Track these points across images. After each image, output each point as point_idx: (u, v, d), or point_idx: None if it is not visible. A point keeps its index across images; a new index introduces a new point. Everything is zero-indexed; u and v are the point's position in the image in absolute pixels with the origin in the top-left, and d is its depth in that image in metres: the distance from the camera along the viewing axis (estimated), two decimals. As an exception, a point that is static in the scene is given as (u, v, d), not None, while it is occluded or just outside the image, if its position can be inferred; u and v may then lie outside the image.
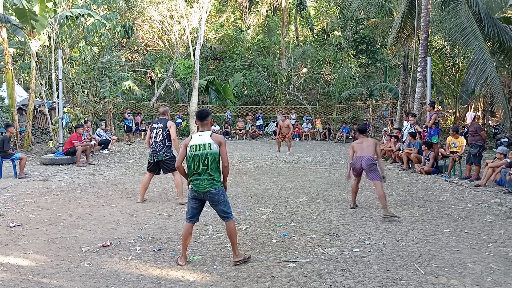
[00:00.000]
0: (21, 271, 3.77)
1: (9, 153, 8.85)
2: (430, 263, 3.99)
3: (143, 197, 6.59)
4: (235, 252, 3.93)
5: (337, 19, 25.63)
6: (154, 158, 6.35)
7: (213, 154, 3.84)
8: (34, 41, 12.24)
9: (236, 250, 3.94)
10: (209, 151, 3.83)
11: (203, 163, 3.83)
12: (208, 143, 3.84)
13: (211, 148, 3.84)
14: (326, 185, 8.12)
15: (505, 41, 12.11)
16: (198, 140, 3.88)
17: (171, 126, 6.35)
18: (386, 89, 21.17)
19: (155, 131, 6.36)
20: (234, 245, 3.92)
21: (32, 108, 12.50)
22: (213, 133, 3.91)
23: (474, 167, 8.88)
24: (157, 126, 6.39)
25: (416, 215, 5.82)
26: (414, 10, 14.37)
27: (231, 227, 3.90)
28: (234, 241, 3.90)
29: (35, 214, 5.74)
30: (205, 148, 3.84)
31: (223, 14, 26.59)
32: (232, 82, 23.19)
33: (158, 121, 6.49)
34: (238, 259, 3.91)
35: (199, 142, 3.87)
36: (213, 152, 3.84)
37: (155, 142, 6.33)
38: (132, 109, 18.82)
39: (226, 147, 3.96)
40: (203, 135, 3.90)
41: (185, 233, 3.96)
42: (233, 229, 3.90)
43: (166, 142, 6.32)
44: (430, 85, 12.25)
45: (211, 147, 3.84)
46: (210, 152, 3.83)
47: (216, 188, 3.85)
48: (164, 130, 6.32)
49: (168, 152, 6.37)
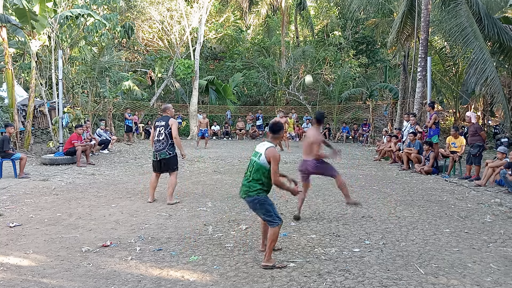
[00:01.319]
0: (21, 271, 3.77)
1: (9, 153, 8.85)
2: (430, 263, 3.99)
3: (153, 196, 6.57)
4: (266, 256, 3.88)
5: (337, 19, 25.62)
6: (157, 156, 6.35)
7: (259, 164, 3.92)
8: (34, 41, 12.24)
9: (268, 255, 3.87)
10: (257, 160, 3.93)
11: (249, 169, 3.99)
12: (260, 153, 3.94)
13: (260, 158, 3.92)
14: (326, 185, 8.12)
15: (505, 41, 12.11)
16: (258, 148, 4.03)
17: (173, 124, 6.33)
18: (386, 89, 21.17)
19: (158, 130, 6.36)
20: (268, 249, 3.88)
21: (32, 108, 12.50)
22: (270, 147, 3.93)
23: (474, 167, 8.88)
24: (159, 124, 6.40)
25: (416, 215, 5.82)
26: (414, 10, 14.37)
27: (270, 233, 3.88)
28: (269, 245, 3.87)
29: (35, 214, 5.74)
30: (256, 156, 3.97)
31: (223, 14, 26.59)
32: (232, 82, 23.20)
33: (160, 119, 6.50)
34: (265, 264, 3.86)
35: (258, 149, 4.02)
36: (260, 163, 3.92)
37: (158, 140, 6.34)
38: (132, 109, 18.82)
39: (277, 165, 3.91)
40: (264, 145, 4.00)
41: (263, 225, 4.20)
42: (272, 235, 3.85)
43: (168, 140, 6.32)
44: (430, 85, 12.25)
45: (260, 158, 3.92)
46: (257, 161, 3.93)
47: (251, 197, 3.91)
48: (166, 129, 6.33)
49: (171, 151, 6.37)
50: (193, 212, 5.96)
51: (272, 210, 3.92)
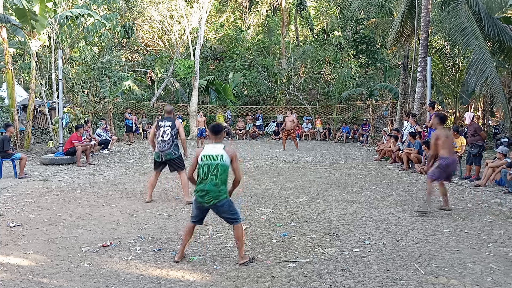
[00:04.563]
0: (21, 271, 3.77)
1: (9, 153, 8.85)
2: (430, 263, 3.99)
3: (150, 196, 6.56)
4: (241, 255, 3.94)
5: (337, 19, 25.62)
6: (162, 157, 6.33)
7: (224, 166, 3.91)
8: (34, 41, 12.24)
9: (242, 253, 3.95)
10: (220, 162, 3.91)
11: (211, 173, 3.90)
12: (220, 155, 3.92)
13: (223, 159, 3.91)
14: (326, 185, 8.12)
15: (505, 41, 12.10)
16: (211, 151, 3.97)
17: (180, 125, 6.43)
18: (386, 89, 21.18)
19: (162, 130, 6.35)
20: (241, 248, 3.93)
21: (32, 108, 12.50)
22: (226, 146, 3.98)
23: (474, 167, 8.88)
24: (164, 124, 6.39)
25: (416, 215, 5.82)
26: (414, 10, 14.37)
27: (237, 231, 3.92)
28: (241, 243, 3.92)
29: (35, 214, 5.74)
30: (217, 159, 3.92)
31: (223, 14, 26.60)
32: (232, 82, 23.20)
33: (165, 119, 6.48)
34: (243, 261, 3.92)
35: (212, 153, 3.96)
36: (224, 164, 3.91)
37: (163, 140, 6.32)
38: (132, 109, 18.82)
39: (237, 162, 4.02)
40: (216, 147, 3.99)
41: (187, 232, 4.07)
42: (239, 232, 3.91)
43: (174, 140, 6.34)
44: (430, 85, 12.24)
45: (223, 159, 3.91)
46: (221, 163, 3.90)
47: (222, 201, 3.89)
48: (173, 129, 6.34)
49: (176, 151, 6.39)
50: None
51: (235, 208, 4.01)
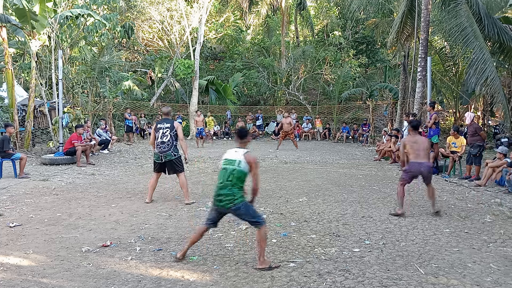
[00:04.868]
0: (21, 271, 3.77)
1: (9, 153, 8.85)
2: (430, 263, 3.99)
3: (151, 197, 6.55)
4: (260, 259, 3.86)
5: (337, 19, 25.61)
6: (162, 158, 6.31)
7: (240, 172, 3.88)
8: (34, 41, 12.24)
9: (261, 257, 3.86)
10: (237, 167, 3.88)
11: (228, 178, 3.88)
12: (238, 160, 3.90)
13: (240, 165, 3.88)
14: (326, 185, 8.12)
15: (505, 41, 12.10)
16: (231, 155, 3.97)
17: (178, 127, 6.40)
18: (386, 89, 21.16)
19: (162, 131, 6.32)
20: (261, 253, 3.86)
21: (32, 108, 12.50)
22: (248, 152, 3.95)
23: (474, 167, 8.88)
24: (163, 126, 6.36)
25: (416, 215, 5.82)
26: (414, 10, 14.36)
27: (260, 234, 3.86)
28: (261, 247, 3.85)
29: (35, 214, 5.74)
30: (234, 164, 3.90)
31: (223, 14, 26.60)
32: (232, 82, 23.20)
33: (163, 121, 6.45)
34: (261, 266, 3.83)
35: (231, 157, 3.96)
36: (241, 170, 3.88)
37: (162, 142, 6.30)
38: (132, 109, 18.82)
39: (257, 169, 3.96)
40: (238, 152, 3.97)
41: (197, 233, 4.06)
42: (261, 236, 3.85)
43: (174, 142, 6.33)
44: (430, 85, 12.23)
45: (240, 164, 3.88)
46: (238, 169, 3.88)
47: (237, 204, 3.85)
48: (172, 130, 6.32)
49: (176, 152, 6.38)
50: (193, 212, 5.96)
51: (255, 211, 3.96)
